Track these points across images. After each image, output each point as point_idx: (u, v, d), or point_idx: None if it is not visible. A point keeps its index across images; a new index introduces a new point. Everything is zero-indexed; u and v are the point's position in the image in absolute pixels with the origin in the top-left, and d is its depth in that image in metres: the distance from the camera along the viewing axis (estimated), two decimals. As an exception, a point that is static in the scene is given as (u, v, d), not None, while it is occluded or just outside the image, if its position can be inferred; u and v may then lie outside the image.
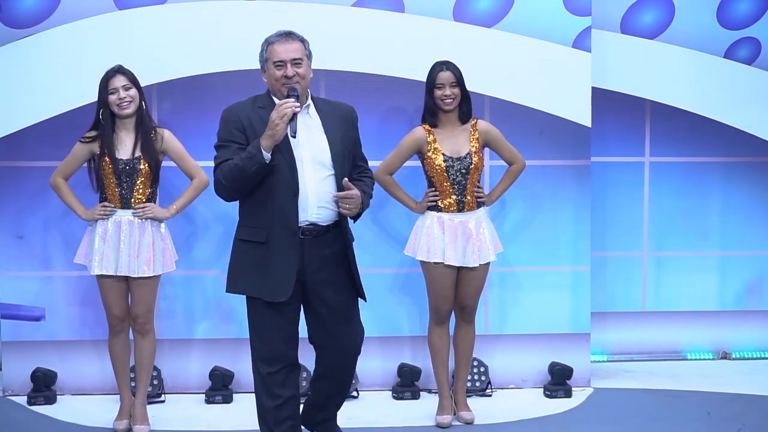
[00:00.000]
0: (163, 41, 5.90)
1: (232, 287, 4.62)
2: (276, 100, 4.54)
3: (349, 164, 4.65)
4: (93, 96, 5.36)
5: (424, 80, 5.53)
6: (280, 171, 4.45)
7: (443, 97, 5.44)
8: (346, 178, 4.54)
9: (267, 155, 4.35)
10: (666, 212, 6.74)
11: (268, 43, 4.57)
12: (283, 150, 4.44)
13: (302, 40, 4.58)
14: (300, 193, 4.48)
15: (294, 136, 4.37)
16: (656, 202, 6.73)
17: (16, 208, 5.99)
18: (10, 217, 6.00)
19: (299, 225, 4.49)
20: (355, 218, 4.70)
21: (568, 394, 6.05)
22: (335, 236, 4.60)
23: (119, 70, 5.31)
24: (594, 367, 6.34)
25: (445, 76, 5.44)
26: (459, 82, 5.45)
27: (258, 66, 4.66)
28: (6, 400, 5.99)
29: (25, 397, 5.94)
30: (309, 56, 4.60)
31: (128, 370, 5.54)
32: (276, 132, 4.32)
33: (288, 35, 4.56)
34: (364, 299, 4.73)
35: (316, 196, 4.51)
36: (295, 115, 4.35)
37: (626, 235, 6.72)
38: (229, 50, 5.92)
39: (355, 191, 4.52)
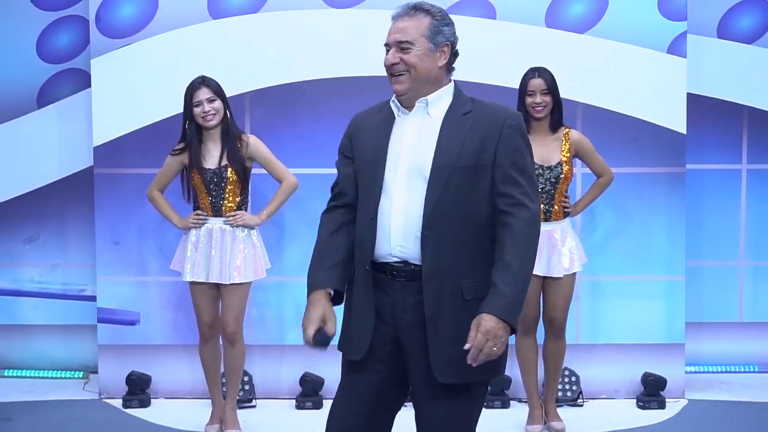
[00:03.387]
0: (257, 50, 5.97)
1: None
2: (394, 102, 3.36)
3: (484, 186, 3.27)
4: (186, 105, 5.44)
5: (517, 87, 5.49)
6: (366, 184, 3.33)
7: (533, 105, 5.35)
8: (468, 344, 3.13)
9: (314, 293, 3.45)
10: (764, 221, 6.58)
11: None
12: (374, 155, 3.31)
13: (430, 14, 3.33)
14: (380, 215, 3.28)
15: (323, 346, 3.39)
16: (754, 210, 6.57)
17: (113, 214, 6.11)
18: (108, 223, 6.12)
19: (380, 259, 3.30)
20: (512, 332, 3.33)
21: (661, 405, 5.95)
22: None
23: (203, 81, 5.32)
24: (688, 379, 6.21)
25: (536, 83, 5.36)
26: (551, 89, 5.36)
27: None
28: (102, 402, 6.11)
29: (121, 399, 6.05)
30: (432, 37, 3.32)
31: (219, 376, 5.60)
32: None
33: (409, 9, 3.33)
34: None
35: (402, 221, 3.25)
36: (320, 329, 3.41)
37: (722, 244, 6.58)
38: (321, 58, 5.96)
39: (481, 326, 3.15)
